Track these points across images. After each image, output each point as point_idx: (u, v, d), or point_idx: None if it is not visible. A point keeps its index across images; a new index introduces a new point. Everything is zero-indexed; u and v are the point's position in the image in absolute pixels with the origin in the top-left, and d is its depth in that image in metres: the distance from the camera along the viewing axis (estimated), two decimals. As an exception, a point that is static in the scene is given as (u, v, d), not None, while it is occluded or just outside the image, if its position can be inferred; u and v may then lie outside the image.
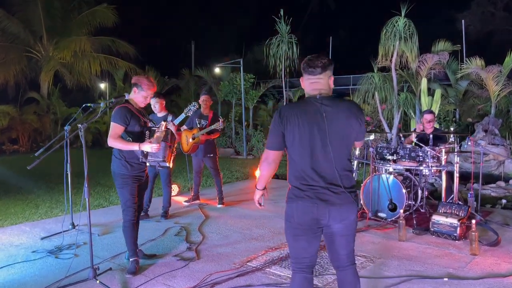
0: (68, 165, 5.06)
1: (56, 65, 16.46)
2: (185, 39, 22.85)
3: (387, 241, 4.57)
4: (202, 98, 6.12)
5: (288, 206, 2.46)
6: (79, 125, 3.42)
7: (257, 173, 2.84)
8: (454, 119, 11.67)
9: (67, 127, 4.98)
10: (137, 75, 4.00)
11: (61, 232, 4.71)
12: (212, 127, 5.76)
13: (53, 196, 7.22)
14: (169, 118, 5.47)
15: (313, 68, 2.40)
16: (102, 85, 18.40)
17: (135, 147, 3.63)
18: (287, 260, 3.98)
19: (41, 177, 9.29)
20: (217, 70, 14.96)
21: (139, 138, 3.73)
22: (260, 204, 2.73)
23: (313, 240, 2.43)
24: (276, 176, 9.00)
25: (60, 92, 17.27)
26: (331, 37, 16.81)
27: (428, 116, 5.73)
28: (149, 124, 3.86)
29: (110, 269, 3.79)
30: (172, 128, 5.24)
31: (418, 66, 10.54)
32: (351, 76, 17.05)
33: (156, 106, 5.50)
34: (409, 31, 9.97)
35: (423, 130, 5.76)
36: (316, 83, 2.42)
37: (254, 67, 15.83)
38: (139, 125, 3.72)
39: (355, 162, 5.83)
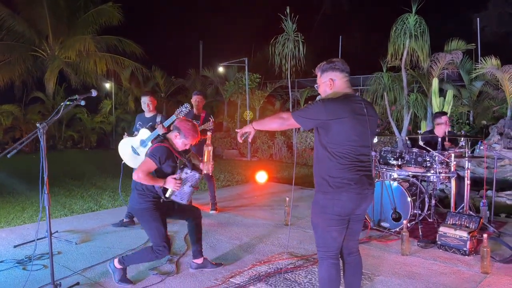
0: (45, 167, 4.70)
1: (61, 65, 16.30)
2: (194, 39, 22.57)
3: (389, 255, 4.14)
4: (194, 98, 5.77)
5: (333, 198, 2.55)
6: (38, 125, 3.07)
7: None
8: (467, 121, 11.12)
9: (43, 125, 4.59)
10: (183, 120, 3.55)
11: (34, 240, 4.36)
12: (202, 127, 5.39)
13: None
14: (158, 119, 5.13)
15: (346, 66, 2.62)
16: (108, 85, 18.22)
17: (160, 183, 3.40)
18: (274, 276, 3.59)
19: (36, 177, 9.05)
20: (221, 69, 14.62)
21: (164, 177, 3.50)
22: (241, 138, 2.84)
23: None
24: (277, 180, 8.60)
25: (65, 92, 17.12)
26: (341, 37, 16.32)
27: (445, 118, 5.30)
28: (182, 166, 3.58)
29: (78, 283, 3.44)
30: (162, 130, 4.90)
31: (430, 65, 10.06)
32: (361, 76, 16.53)
33: (150, 105, 5.17)
34: (420, 29, 9.49)
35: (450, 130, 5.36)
36: (348, 81, 2.64)
37: (262, 67, 15.43)
38: (171, 168, 3.48)
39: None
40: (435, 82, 8.86)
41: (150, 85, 18.84)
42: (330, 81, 2.60)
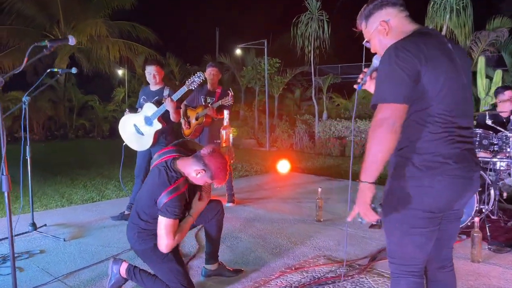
0: (28, 149, 3.96)
1: (71, 50, 15.65)
2: (209, 26, 21.77)
3: (456, 261, 3.19)
4: (209, 71, 4.91)
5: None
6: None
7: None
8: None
9: (26, 98, 3.85)
10: (215, 154, 2.48)
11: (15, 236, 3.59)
12: (219, 103, 4.54)
13: (40, 188, 6.21)
14: (166, 92, 4.30)
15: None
16: (120, 72, 17.56)
17: (190, 222, 2.57)
18: (311, 289, 2.74)
19: (40, 166, 8.36)
20: (238, 52, 13.74)
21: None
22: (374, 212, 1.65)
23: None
24: (300, 170, 7.73)
25: (77, 79, 16.49)
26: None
27: (509, 93, 4.36)
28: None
29: (55, 294, 2.65)
30: (170, 105, 4.08)
31: (469, 46, 9.04)
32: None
33: (157, 76, 4.30)
34: (462, 3, 8.47)
35: None
36: (409, 16, 1.75)
37: (281, 53, 14.53)
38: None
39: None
40: (481, 61, 7.85)
41: (165, 72, 18.11)
42: (383, 25, 1.72)
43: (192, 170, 2.44)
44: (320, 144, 10.67)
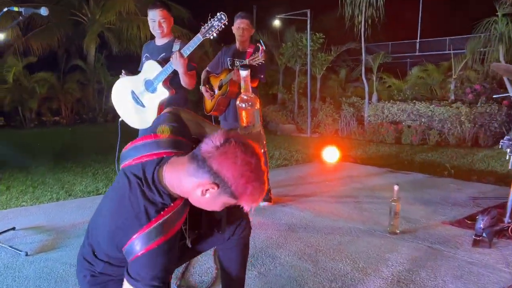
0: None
1: (100, 28, 14.84)
2: (245, 2, 20.50)
3: None
4: (237, 23, 3.66)
5: None
6: None
7: None
8: None
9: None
10: (224, 147, 1.17)
11: None
12: (246, 61, 3.28)
13: (41, 177, 5.23)
14: (176, 47, 3.07)
15: None
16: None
17: None
18: None
19: (56, 152, 7.46)
20: (276, 22, 12.38)
21: None
22: None
23: None
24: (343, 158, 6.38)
25: (106, 60, 15.68)
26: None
27: None
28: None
29: None
30: (179, 63, 2.84)
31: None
32: (447, 38, 13.66)
33: (164, 25, 3.03)
34: None
35: None
36: None
37: (325, 28, 13.06)
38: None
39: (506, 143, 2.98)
40: None
41: (198, 53, 17.05)
42: None
43: (193, 185, 1.19)
44: (371, 130, 9.21)
